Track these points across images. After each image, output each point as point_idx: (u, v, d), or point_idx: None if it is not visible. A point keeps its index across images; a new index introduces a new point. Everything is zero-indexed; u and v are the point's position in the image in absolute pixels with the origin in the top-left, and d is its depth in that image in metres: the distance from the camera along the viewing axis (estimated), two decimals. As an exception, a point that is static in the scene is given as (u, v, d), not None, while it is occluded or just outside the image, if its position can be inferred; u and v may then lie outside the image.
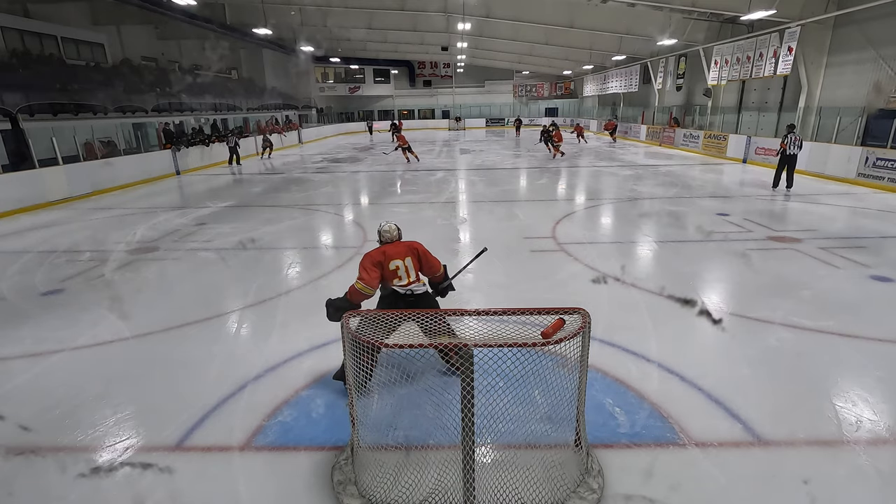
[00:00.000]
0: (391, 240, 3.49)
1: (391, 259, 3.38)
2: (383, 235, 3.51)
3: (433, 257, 3.56)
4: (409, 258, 3.43)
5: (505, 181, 13.66)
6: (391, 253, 3.40)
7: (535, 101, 41.23)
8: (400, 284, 3.39)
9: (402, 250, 3.43)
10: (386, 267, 3.36)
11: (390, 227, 3.53)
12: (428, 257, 3.52)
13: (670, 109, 23.55)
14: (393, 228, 3.53)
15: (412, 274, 3.43)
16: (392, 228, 3.53)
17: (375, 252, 3.41)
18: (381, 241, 3.51)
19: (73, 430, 3.22)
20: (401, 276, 3.39)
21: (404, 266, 3.40)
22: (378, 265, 3.35)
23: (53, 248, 7.70)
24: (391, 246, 3.45)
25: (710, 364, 3.89)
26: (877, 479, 2.70)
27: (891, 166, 10.83)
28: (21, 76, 13.74)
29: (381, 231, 3.53)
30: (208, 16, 20.31)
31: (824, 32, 14.13)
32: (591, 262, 6.39)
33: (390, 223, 3.57)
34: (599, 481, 2.66)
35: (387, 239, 3.50)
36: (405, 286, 3.39)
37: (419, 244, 3.54)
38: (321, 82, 38.67)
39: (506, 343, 2.55)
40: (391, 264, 3.37)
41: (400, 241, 3.53)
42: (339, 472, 2.75)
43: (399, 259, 3.39)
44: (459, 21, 19.74)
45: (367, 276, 3.29)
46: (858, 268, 5.98)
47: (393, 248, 3.43)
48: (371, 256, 3.38)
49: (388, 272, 3.37)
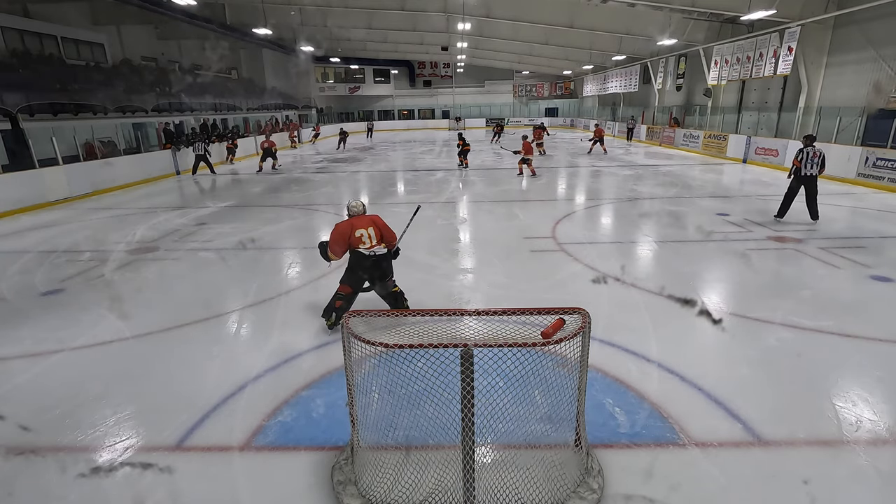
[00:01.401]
0: (356, 213, 4.43)
1: (357, 228, 4.31)
2: (351, 210, 4.46)
3: (389, 230, 4.48)
4: (371, 228, 4.36)
5: (505, 181, 13.66)
6: (357, 224, 4.34)
7: (535, 101, 41.23)
8: (365, 248, 4.32)
9: (365, 222, 4.37)
10: (352, 235, 4.29)
11: (357, 204, 4.50)
12: (385, 229, 4.44)
13: (670, 109, 23.55)
14: (359, 205, 4.49)
15: (374, 239, 4.35)
16: (358, 205, 4.49)
17: (344, 224, 4.35)
18: (349, 214, 4.44)
19: (73, 430, 3.22)
20: (364, 241, 4.31)
21: (367, 234, 4.33)
22: (345, 237, 4.30)
23: (53, 248, 7.69)
24: (357, 218, 4.40)
25: (710, 364, 3.89)
26: (877, 479, 2.70)
27: (891, 166, 10.83)
28: (21, 76, 13.73)
29: (349, 206, 4.48)
30: (208, 16, 20.31)
31: (824, 32, 14.13)
32: (591, 262, 6.39)
33: (357, 201, 4.54)
34: (599, 481, 2.66)
35: (353, 213, 4.44)
36: (369, 248, 4.32)
37: (378, 217, 4.48)
38: (321, 82, 38.66)
39: (506, 343, 2.55)
40: (357, 232, 4.30)
41: (364, 214, 4.46)
42: (339, 472, 2.75)
43: (363, 228, 4.33)
44: (459, 21, 19.74)
45: (336, 251, 4.36)
46: (858, 268, 5.97)
47: (358, 220, 4.39)
48: (340, 230, 4.33)
49: (354, 239, 4.30)
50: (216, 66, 24.73)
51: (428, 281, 5.89)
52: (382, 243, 4.41)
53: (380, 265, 4.38)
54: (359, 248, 4.31)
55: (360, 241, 4.31)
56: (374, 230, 4.36)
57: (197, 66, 23.73)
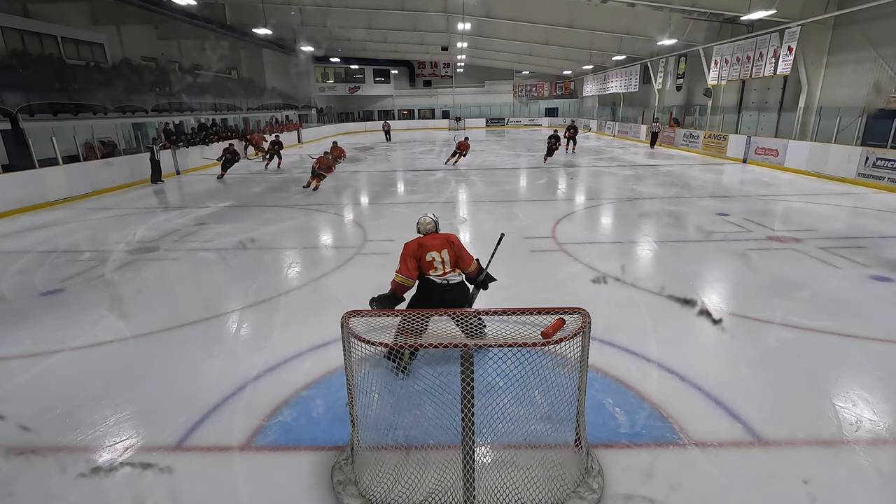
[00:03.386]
0: (427, 231, 3.72)
1: (428, 250, 3.59)
2: (420, 227, 3.76)
3: (466, 252, 3.74)
4: (445, 250, 3.62)
5: (505, 181, 13.66)
6: (428, 244, 3.62)
7: (535, 101, 41.23)
8: (436, 274, 3.59)
9: (438, 242, 3.64)
10: (423, 258, 3.58)
11: (427, 220, 3.77)
12: (462, 251, 3.70)
13: (670, 109, 23.54)
14: (429, 221, 3.77)
15: (448, 265, 3.62)
16: (429, 221, 3.77)
17: (412, 243, 3.64)
18: (419, 231, 3.75)
19: (73, 430, 3.22)
20: (437, 267, 3.59)
21: (440, 258, 3.59)
22: (415, 257, 3.58)
23: (53, 248, 7.69)
24: (428, 238, 3.67)
25: (710, 364, 3.89)
26: (877, 479, 2.70)
27: (891, 166, 10.83)
28: (21, 76, 13.71)
29: (418, 223, 3.79)
30: (208, 16, 20.30)
31: (824, 32, 14.13)
32: (591, 262, 6.39)
33: (427, 216, 3.80)
34: (599, 481, 2.66)
35: (423, 231, 3.73)
36: (441, 276, 3.59)
37: (455, 237, 3.73)
38: (321, 82, 38.65)
39: (506, 343, 2.55)
40: (427, 255, 3.58)
41: (437, 233, 3.75)
42: (339, 472, 2.75)
43: (435, 251, 3.60)
44: (459, 21, 19.73)
45: (406, 269, 3.57)
46: (858, 268, 5.97)
47: (430, 239, 3.66)
48: (408, 248, 3.62)
49: (424, 263, 3.59)
50: (216, 65, 24.73)
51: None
52: (457, 269, 3.69)
53: (457, 297, 3.63)
54: (429, 275, 3.59)
55: (432, 267, 3.59)
56: (448, 253, 3.63)
57: (197, 66, 23.73)
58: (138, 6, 17.45)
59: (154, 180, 14.30)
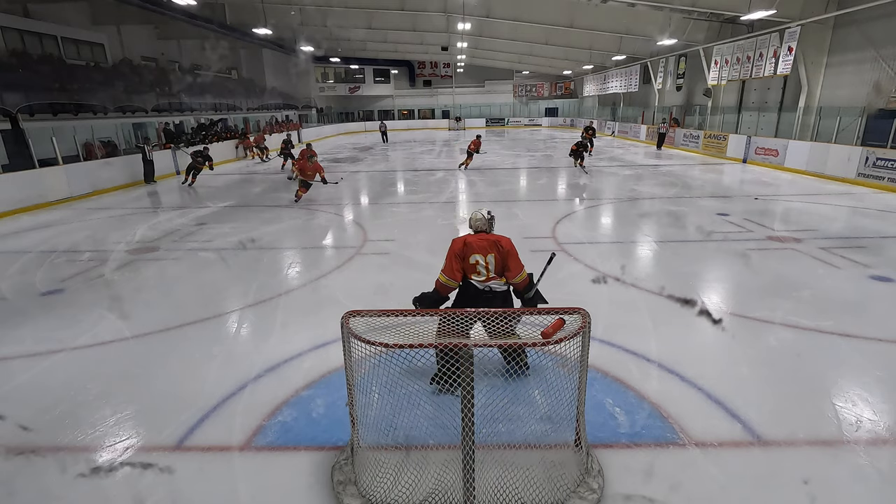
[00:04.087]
0: (478, 230, 3.41)
1: (472, 252, 3.32)
2: (470, 223, 3.46)
3: (516, 261, 3.33)
4: (491, 255, 3.31)
5: (505, 181, 13.66)
6: (474, 245, 3.32)
7: (535, 101, 41.24)
8: (478, 279, 3.33)
9: (485, 245, 3.32)
10: (466, 259, 3.32)
11: (479, 217, 3.44)
12: (509, 259, 3.30)
13: (670, 109, 23.54)
14: (481, 218, 3.43)
15: (492, 270, 3.32)
16: (481, 218, 3.43)
17: (458, 241, 3.37)
18: (471, 228, 3.45)
19: (73, 430, 3.22)
20: (479, 272, 3.32)
21: (484, 262, 3.30)
22: (459, 257, 3.33)
23: (53, 248, 7.69)
24: (476, 237, 3.37)
25: (710, 364, 3.89)
26: (877, 479, 2.70)
27: (891, 166, 10.83)
28: (21, 76, 13.74)
29: (470, 218, 3.47)
30: (208, 16, 20.31)
31: (824, 32, 14.13)
32: (591, 262, 6.39)
33: (481, 212, 3.47)
34: (599, 481, 2.66)
35: (473, 227, 3.43)
36: (483, 282, 3.33)
37: (507, 241, 3.35)
38: (321, 82, 38.68)
39: (506, 343, 2.55)
40: (471, 258, 3.31)
41: (488, 233, 3.41)
42: (339, 472, 2.75)
43: (480, 254, 3.30)
44: (459, 21, 19.74)
45: (449, 269, 3.34)
46: (858, 268, 5.97)
47: (477, 240, 3.35)
48: (454, 247, 3.36)
49: (467, 265, 3.33)
50: (216, 65, 24.75)
51: (428, 281, 5.87)
52: (502, 277, 3.36)
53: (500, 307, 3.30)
54: (471, 279, 3.36)
55: (475, 270, 3.33)
56: (494, 258, 3.31)
57: (197, 66, 23.74)
58: (138, 6, 17.46)
59: (147, 180, 14.26)
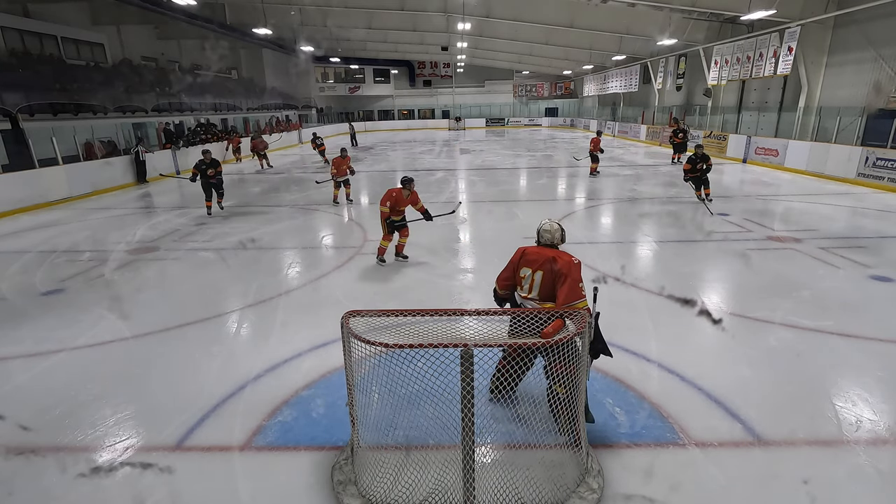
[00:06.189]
0: (544, 242, 3.11)
1: (524, 265, 3.08)
2: (538, 235, 3.16)
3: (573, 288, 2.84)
4: (539, 271, 2.99)
5: (505, 181, 13.65)
6: (530, 257, 3.07)
7: (535, 100, 41.24)
8: (523, 295, 3.11)
9: (540, 260, 3.01)
10: (517, 271, 3.12)
11: (548, 228, 3.12)
12: (559, 281, 2.88)
13: (670, 109, 23.54)
14: (551, 230, 3.11)
15: (535, 289, 3.01)
16: (548, 229, 3.11)
17: (519, 250, 3.17)
18: (538, 238, 3.17)
19: (73, 430, 3.22)
20: (523, 286, 3.09)
21: (532, 278, 3.02)
22: (513, 266, 3.15)
23: (53, 248, 7.69)
24: (535, 249, 3.10)
25: (710, 364, 3.89)
26: (877, 479, 2.70)
27: (891, 166, 10.83)
28: (21, 76, 13.72)
29: (539, 227, 3.18)
30: (208, 16, 20.29)
31: (824, 32, 14.12)
32: (591, 262, 6.39)
33: (553, 223, 3.15)
34: (599, 481, 2.66)
35: (539, 238, 3.15)
36: (524, 297, 3.10)
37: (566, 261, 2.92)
38: (321, 82, 38.66)
39: (506, 343, 2.55)
40: (522, 271, 3.08)
41: (549, 248, 3.08)
42: (339, 472, 2.75)
43: (529, 268, 3.04)
44: (459, 21, 19.73)
45: (501, 275, 3.21)
46: (858, 268, 5.97)
47: (535, 252, 3.07)
48: (513, 256, 3.17)
49: (517, 276, 3.13)
50: (216, 65, 24.73)
51: (428, 281, 5.89)
52: (550, 303, 2.98)
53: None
54: (517, 291, 3.18)
55: (520, 284, 3.12)
56: (542, 276, 2.98)
57: (197, 66, 23.72)
58: (138, 6, 17.44)
59: (139, 181, 14.26)
